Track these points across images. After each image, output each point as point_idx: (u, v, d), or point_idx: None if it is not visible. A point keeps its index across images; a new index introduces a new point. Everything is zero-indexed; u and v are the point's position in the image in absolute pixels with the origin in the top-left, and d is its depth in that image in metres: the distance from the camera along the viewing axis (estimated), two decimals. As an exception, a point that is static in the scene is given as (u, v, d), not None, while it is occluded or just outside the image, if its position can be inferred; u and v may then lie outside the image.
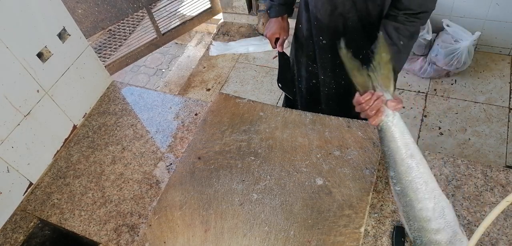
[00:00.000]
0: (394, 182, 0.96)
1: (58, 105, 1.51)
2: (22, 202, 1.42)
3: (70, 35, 1.51)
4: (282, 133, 1.36)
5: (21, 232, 1.35)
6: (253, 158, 1.31)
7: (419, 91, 2.66)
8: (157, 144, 1.50)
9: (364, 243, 1.09)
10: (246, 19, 3.62)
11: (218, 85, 3.16)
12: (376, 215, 1.14)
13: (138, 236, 1.23)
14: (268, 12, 1.62)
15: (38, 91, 1.42)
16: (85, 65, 1.61)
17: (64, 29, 1.49)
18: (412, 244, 0.99)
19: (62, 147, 1.56)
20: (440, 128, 2.43)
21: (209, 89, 3.16)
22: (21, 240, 1.33)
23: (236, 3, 3.52)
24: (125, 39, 3.45)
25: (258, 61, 3.27)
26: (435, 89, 2.64)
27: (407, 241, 1.05)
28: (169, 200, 1.26)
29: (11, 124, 1.34)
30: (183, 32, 3.43)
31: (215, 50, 3.43)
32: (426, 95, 2.63)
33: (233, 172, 1.29)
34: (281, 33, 1.59)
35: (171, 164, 1.42)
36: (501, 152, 2.24)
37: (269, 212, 1.17)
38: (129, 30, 3.56)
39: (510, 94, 2.49)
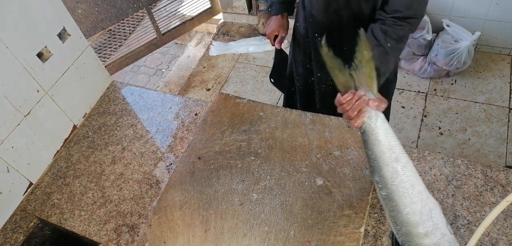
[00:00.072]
0: (380, 186, 0.92)
1: (58, 105, 1.51)
2: (22, 202, 1.42)
3: (70, 35, 1.51)
4: (282, 133, 1.36)
5: (21, 232, 1.35)
6: (253, 158, 1.31)
7: (419, 91, 2.66)
8: (157, 144, 1.50)
9: (364, 243, 1.09)
10: (246, 19, 3.62)
11: (218, 85, 3.16)
12: (376, 215, 1.14)
13: (138, 236, 1.23)
14: (269, 10, 1.63)
15: (38, 91, 1.42)
16: (85, 65, 1.61)
17: (64, 29, 1.49)
18: None
19: (62, 147, 1.56)
20: (440, 128, 2.43)
21: (209, 89, 3.16)
22: (21, 240, 1.33)
23: (236, 3, 3.52)
24: (125, 39, 3.45)
25: (258, 61, 3.27)
26: (435, 89, 2.64)
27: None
28: (169, 200, 1.26)
29: (11, 124, 1.34)
30: (183, 32, 3.43)
31: (215, 50, 3.43)
32: (426, 95, 2.63)
33: (233, 172, 1.29)
34: (280, 31, 1.61)
35: (171, 164, 1.42)
36: (501, 152, 2.24)
37: (269, 212, 1.17)
38: (129, 30, 3.57)
39: (510, 94, 2.49)
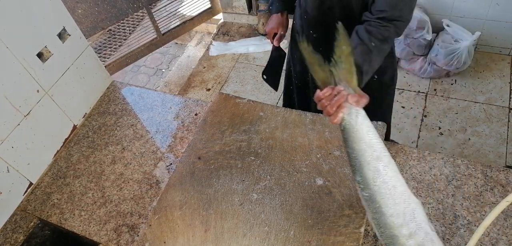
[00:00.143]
0: (362, 187, 0.88)
1: (58, 105, 1.51)
2: (22, 202, 1.42)
3: (70, 35, 1.51)
4: (282, 133, 1.36)
5: (21, 232, 1.35)
6: (253, 158, 1.31)
7: (419, 91, 2.66)
8: (157, 144, 1.50)
9: (364, 243, 1.09)
10: (246, 19, 3.62)
11: (218, 85, 3.16)
12: (376, 215, 1.13)
13: (138, 236, 1.23)
14: (270, 8, 1.64)
15: (38, 91, 1.42)
16: (85, 65, 1.61)
17: (64, 29, 1.49)
18: None
19: (62, 147, 1.56)
20: (440, 128, 2.43)
21: (209, 89, 3.16)
22: (21, 240, 1.33)
23: (236, 3, 3.52)
24: (125, 39, 3.45)
25: (258, 61, 3.26)
26: (435, 89, 2.64)
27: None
28: (169, 200, 1.26)
29: (11, 123, 1.34)
30: (183, 32, 3.43)
31: (215, 50, 3.43)
32: (426, 95, 2.63)
33: (233, 172, 1.29)
34: (279, 29, 1.61)
35: (171, 164, 1.42)
36: (501, 152, 2.24)
37: (269, 212, 1.17)
38: (129, 30, 3.57)
39: (510, 94, 2.49)
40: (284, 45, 1.71)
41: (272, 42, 1.65)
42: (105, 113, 1.66)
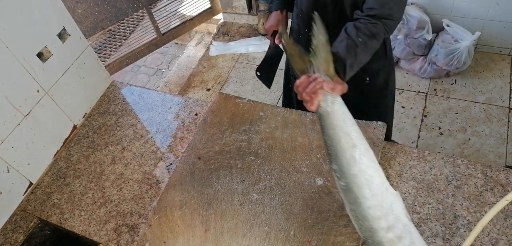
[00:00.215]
0: (338, 176, 0.86)
1: (58, 105, 1.52)
2: (22, 202, 1.42)
3: (70, 35, 1.51)
4: (282, 133, 1.36)
5: (21, 232, 1.35)
6: (253, 158, 1.31)
7: (419, 91, 2.66)
8: (157, 144, 1.50)
9: (364, 243, 1.09)
10: (246, 19, 3.62)
11: (218, 85, 3.16)
12: (376, 215, 1.13)
13: (138, 236, 1.23)
14: (270, 5, 1.65)
15: (38, 91, 1.42)
16: (85, 65, 1.61)
17: (64, 29, 1.49)
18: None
19: (62, 147, 1.56)
20: (440, 128, 2.43)
21: (209, 89, 3.16)
22: (21, 240, 1.33)
23: (236, 3, 3.52)
24: (125, 39, 3.45)
25: (258, 61, 3.25)
26: (435, 89, 2.64)
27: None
28: (169, 200, 1.26)
29: (11, 124, 1.34)
30: (183, 32, 3.43)
31: (215, 50, 3.43)
32: (426, 95, 2.63)
33: (233, 172, 1.29)
34: (279, 26, 1.62)
35: (171, 164, 1.42)
36: (501, 152, 2.24)
37: (269, 212, 1.17)
38: (129, 30, 3.57)
39: (510, 94, 2.49)
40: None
41: (270, 39, 1.66)
42: (105, 113, 1.66)
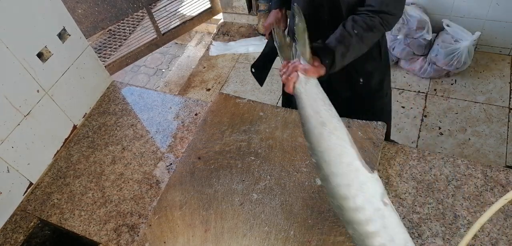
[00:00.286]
0: (310, 153, 0.89)
1: (58, 105, 1.52)
2: (22, 202, 1.42)
3: (70, 35, 1.51)
4: (282, 133, 1.36)
5: (21, 232, 1.35)
6: (253, 158, 1.31)
7: (419, 91, 2.66)
8: (157, 144, 1.50)
9: (364, 243, 1.09)
10: (246, 19, 3.62)
11: (218, 85, 3.16)
12: (376, 215, 1.13)
13: (138, 236, 1.23)
14: (270, 5, 1.65)
15: (38, 91, 1.42)
16: (85, 65, 1.61)
17: (64, 29, 1.49)
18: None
19: (62, 147, 1.56)
20: (440, 128, 2.43)
21: (209, 89, 3.16)
22: (21, 240, 1.33)
23: (236, 3, 3.52)
24: (125, 39, 3.45)
25: (258, 61, 3.26)
26: (435, 89, 2.64)
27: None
28: (169, 200, 1.26)
29: (11, 123, 1.34)
30: (183, 32, 3.43)
31: (215, 50, 3.43)
32: (426, 95, 2.63)
33: (233, 172, 1.29)
34: (277, 24, 1.62)
35: (171, 164, 1.42)
36: (501, 152, 2.24)
37: (269, 212, 1.17)
38: (129, 30, 3.57)
39: (510, 94, 2.49)
40: None
41: (267, 38, 1.66)
42: (105, 113, 1.66)
